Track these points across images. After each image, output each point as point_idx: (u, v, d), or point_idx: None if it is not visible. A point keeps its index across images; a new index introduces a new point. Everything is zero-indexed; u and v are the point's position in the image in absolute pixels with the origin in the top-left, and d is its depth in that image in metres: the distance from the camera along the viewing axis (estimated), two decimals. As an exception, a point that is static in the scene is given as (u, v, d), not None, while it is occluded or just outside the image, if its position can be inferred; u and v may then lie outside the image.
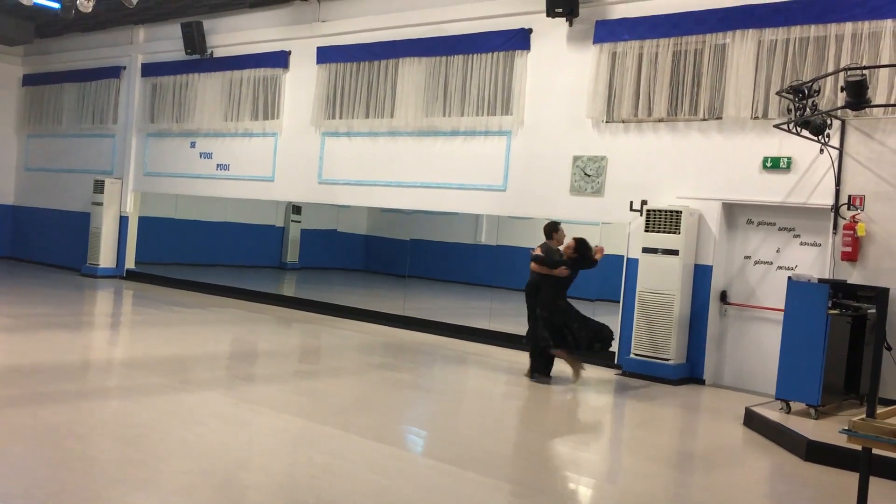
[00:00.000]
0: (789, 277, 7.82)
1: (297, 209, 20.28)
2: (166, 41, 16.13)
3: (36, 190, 19.08)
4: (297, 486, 5.11)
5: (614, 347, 10.35)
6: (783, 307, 7.76)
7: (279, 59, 14.30)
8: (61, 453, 5.31)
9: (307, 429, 6.56)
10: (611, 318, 10.71)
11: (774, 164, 9.31)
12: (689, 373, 9.73)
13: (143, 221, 17.12)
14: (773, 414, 7.47)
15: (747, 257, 9.75)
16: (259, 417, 6.97)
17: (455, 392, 8.85)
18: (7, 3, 14.83)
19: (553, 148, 11.09)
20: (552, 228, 9.35)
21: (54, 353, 8.79)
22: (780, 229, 9.53)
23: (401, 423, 7.26)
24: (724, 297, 9.80)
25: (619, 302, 10.46)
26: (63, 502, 4.49)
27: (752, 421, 7.58)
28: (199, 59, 15.36)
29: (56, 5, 13.74)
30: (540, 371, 9.13)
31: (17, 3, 13.15)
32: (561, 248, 9.21)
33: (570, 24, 10.89)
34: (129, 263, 16.90)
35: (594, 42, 10.66)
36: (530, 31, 11.34)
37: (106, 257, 16.73)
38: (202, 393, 7.47)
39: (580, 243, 9.04)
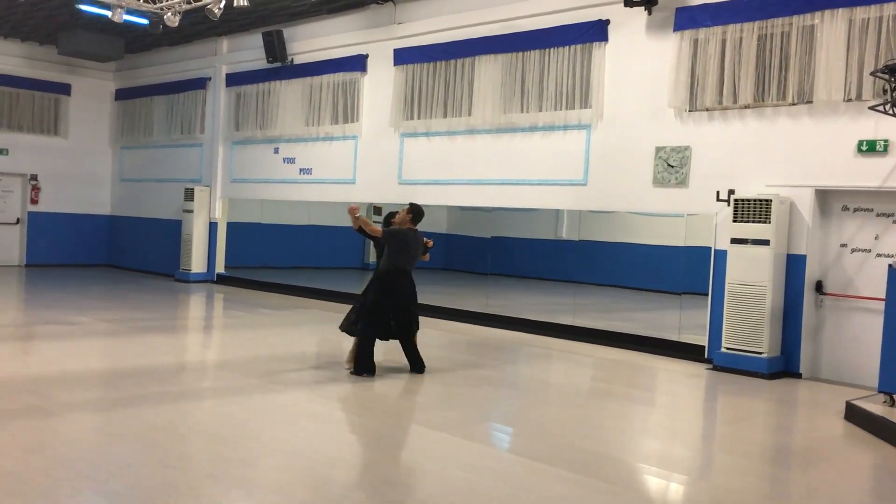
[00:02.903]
0: (890, 265, 7.46)
1: (377, 210, 20.51)
2: (248, 51, 16.56)
3: (130, 200, 19.89)
4: (389, 483, 5.16)
5: (704, 341, 10.14)
6: (884, 296, 7.42)
7: (357, 63, 14.49)
8: (162, 453, 5.51)
9: (395, 426, 6.62)
10: (699, 312, 10.50)
11: (870, 148, 8.91)
12: (784, 366, 9.41)
13: (231, 227, 17.65)
14: (876, 407, 7.16)
15: (843, 245, 9.37)
16: (348, 416, 7.10)
17: (541, 389, 8.79)
18: (99, 22, 15.49)
19: (634, 140, 10.89)
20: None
21: (152, 356, 9.13)
22: (878, 215, 9.12)
23: (488, 420, 7.26)
24: (819, 287, 9.44)
25: (707, 295, 10.20)
26: (166, 500, 4.66)
27: (854, 415, 7.29)
28: (281, 66, 15.72)
29: (144, 21, 14.28)
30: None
31: (108, 21, 13.72)
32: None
33: (649, 13, 10.67)
34: (219, 268, 17.44)
35: (675, 30, 10.42)
36: (608, 22, 11.17)
37: (197, 263, 17.31)
38: (292, 392, 7.64)
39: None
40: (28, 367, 8.45)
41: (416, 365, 8.59)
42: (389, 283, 8.36)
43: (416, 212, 8.54)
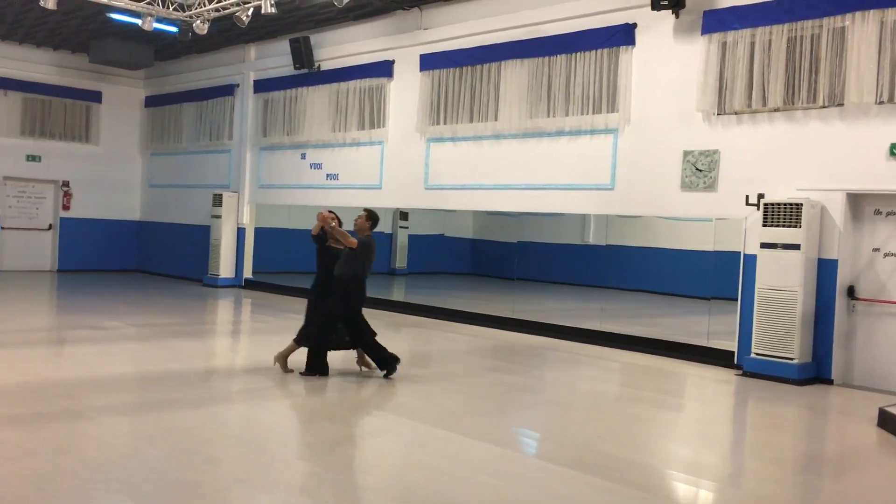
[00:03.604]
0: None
1: (404, 215, 20.56)
2: (276, 57, 16.70)
3: (159, 205, 20.11)
4: (414, 488, 5.16)
5: (733, 347, 10.03)
6: (918, 302, 7.31)
7: (383, 69, 14.55)
8: (191, 455, 5.56)
9: (421, 432, 6.62)
10: (728, 317, 10.39)
11: (903, 151, 8.78)
12: (816, 372, 9.28)
13: (259, 232, 17.77)
14: (911, 415, 7.04)
15: (876, 250, 9.22)
16: (373, 420, 7.10)
17: (568, 394, 8.74)
18: (129, 30, 15.70)
19: (662, 144, 10.82)
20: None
21: (181, 360, 9.22)
22: (911, 219, 8.98)
23: (514, 425, 7.24)
24: (851, 292, 9.30)
25: (736, 300, 10.09)
26: (195, 503, 4.69)
27: (887, 422, 7.16)
28: (308, 72, 15.82)
29: (174, 29, 14.46)
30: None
31: (138, 30, 13.91)
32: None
33: (677, 17, 10.60)
34: (247, 273, 17.57)
35: (702, 33, 10.34)
36: (634, 25, 11.11)
37: (225, 268, 17.45)
38: (319, 397, 7.66)
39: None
40: (60, 370, 8.58)
41: (391, 363, 8.33)
42: (355, 290, 8.42)
43: (375, 218, 8.67)
